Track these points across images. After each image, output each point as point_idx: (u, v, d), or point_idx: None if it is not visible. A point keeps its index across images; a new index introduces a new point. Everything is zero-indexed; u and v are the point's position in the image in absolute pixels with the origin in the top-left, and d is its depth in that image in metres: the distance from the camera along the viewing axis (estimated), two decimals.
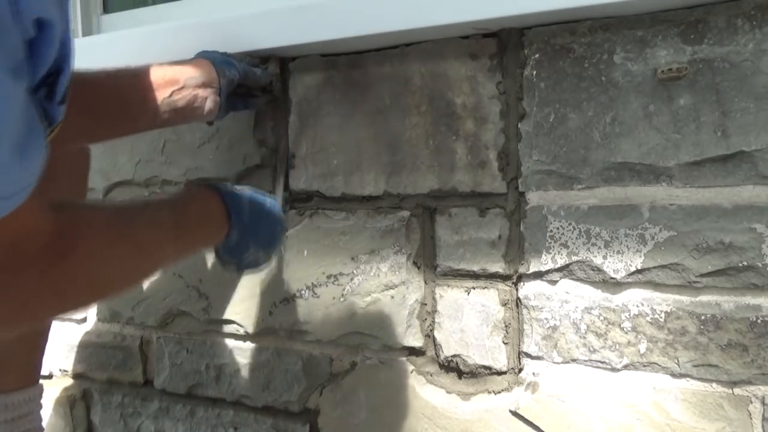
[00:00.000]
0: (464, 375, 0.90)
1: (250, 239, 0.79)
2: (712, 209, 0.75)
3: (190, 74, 0.84)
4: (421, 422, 0.93)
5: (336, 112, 0.97)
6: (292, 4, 0.91)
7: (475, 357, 0.89)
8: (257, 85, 0.96)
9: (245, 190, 0.82)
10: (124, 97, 0.81)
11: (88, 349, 1.24)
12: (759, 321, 0.73)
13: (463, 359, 0.90)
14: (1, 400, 0.93)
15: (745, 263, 0.73)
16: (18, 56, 0.40)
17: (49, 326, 1.03)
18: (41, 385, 1.00)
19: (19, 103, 0.41)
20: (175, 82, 0.83)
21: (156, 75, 0.82)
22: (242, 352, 1.08)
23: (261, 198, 0.83)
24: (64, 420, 1.24)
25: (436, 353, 0.92)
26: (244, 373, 1.08)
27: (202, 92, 0.85)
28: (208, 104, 0.86)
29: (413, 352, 0.94)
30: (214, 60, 0.88)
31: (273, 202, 0.85)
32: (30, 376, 0.99)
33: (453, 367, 0.91)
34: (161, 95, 0.82)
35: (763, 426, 0.73)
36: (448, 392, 0.91)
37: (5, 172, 0.42)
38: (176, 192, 0.75)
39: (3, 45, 0.38)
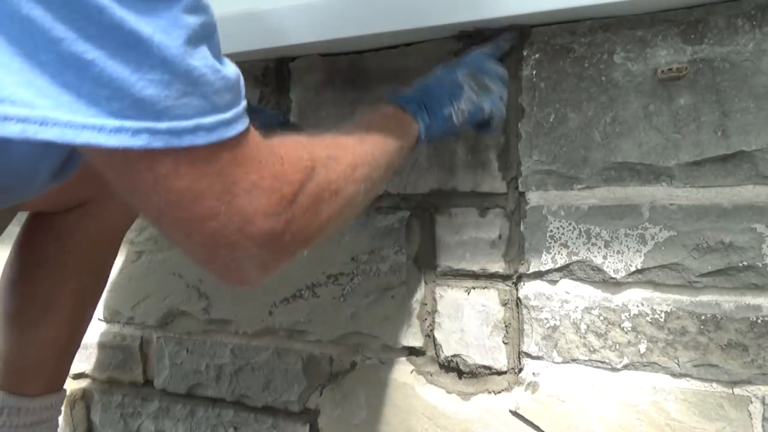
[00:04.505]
0: (464, 375, 0.90)
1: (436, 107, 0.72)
2: (712, 209, 0.75)
3: None
4: (421, 422, 0.93)
5: (336, 112, 0.97)
6: (292, 4, 0.91)
7: (475, 357, 0.89)
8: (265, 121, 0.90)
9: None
10: None
11: (88, 349, 1.24)
12: (759, 321, 0.73)
13: (463, 359, 0.90)
14: (23, 403, 0.90)
15: (745, 263, 0.73)
16: None
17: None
18: (65, 391, 0.96)
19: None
20: None
21: None
22: (242, 352, 1.08)
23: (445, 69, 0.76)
24: (64, 420, 1.24)
25: (436, 353, 0.92)
26: (244, 373, 1.08)
27: None
28: None
29: (413, 352, 0.94)
30: None
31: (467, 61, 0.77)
32: (55, 382, 0.95)
33: (453, 367, 0.91)
34: None
35: (763, 426, 0.73)
36: (448, 392, 0.91)
37: (221, 77, 0.42)
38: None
39: None
